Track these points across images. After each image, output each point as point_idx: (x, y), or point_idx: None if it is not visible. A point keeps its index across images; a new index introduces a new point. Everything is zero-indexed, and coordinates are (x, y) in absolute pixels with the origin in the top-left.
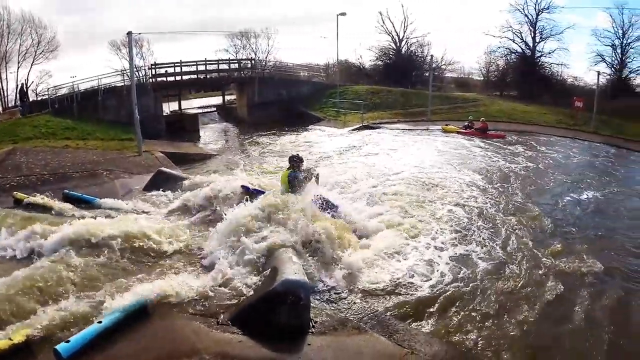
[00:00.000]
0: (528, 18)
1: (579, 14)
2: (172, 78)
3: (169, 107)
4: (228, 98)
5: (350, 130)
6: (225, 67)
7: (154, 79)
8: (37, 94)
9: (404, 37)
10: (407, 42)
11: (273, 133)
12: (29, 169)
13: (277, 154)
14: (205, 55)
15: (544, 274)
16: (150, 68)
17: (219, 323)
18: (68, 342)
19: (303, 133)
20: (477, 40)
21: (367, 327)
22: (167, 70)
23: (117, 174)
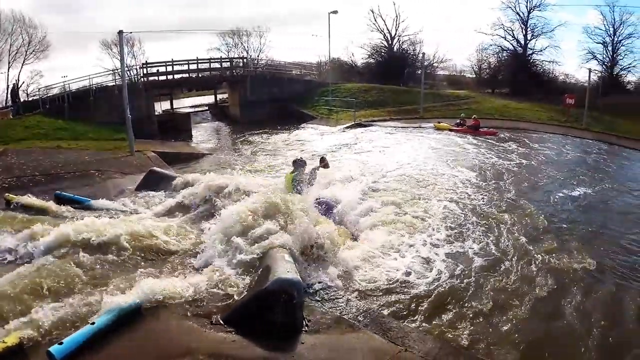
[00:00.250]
0: (519, 16)
1: (570, 12)
2: (163, 77)
3: (161, 106)
4: (220, 97)
5: (343, 129)
6: (217, 65)
7: (146, 78)
8: (27, 95)
9: (396, 34)
10: (399, 39)
11: (265, 132)
12: (21, 170)
13: (269, 153)
14: (197, 54)
15: (537, 271)
16: (142, 67)
17: (213, 323)
18: (61, 344)
19: (295, 131)
20: (469, 38)
21: (361, 324)
22: (158, 70)
23: (109, 175)
